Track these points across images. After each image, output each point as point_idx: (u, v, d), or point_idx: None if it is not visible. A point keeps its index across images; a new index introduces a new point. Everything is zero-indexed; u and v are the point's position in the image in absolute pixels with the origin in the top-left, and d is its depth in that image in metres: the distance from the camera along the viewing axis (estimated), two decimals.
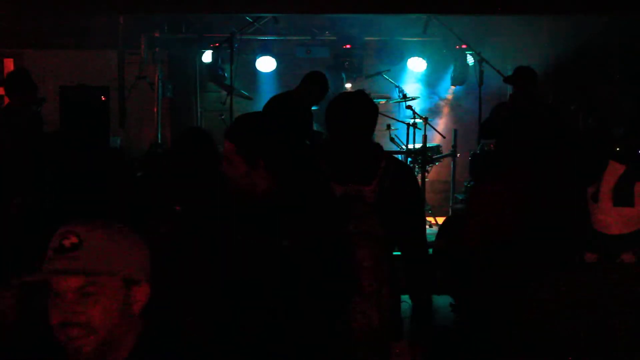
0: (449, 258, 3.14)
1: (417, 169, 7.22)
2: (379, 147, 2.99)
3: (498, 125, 5.43)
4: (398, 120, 7.27)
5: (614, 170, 1.82)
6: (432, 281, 2.97)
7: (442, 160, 7.57)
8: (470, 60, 8.36)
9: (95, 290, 1.56)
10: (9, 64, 8.42)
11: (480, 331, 2.76)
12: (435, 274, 3.08)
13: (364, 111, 2.87)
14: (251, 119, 2.63)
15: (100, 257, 1.57)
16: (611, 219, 1.79)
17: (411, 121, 7.20)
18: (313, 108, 6.20)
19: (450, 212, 7.59)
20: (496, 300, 2.56)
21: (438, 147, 7.50)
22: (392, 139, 7.24)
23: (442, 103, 8.98)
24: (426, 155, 7.00)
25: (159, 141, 8.10)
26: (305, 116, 5.96)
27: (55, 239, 1.60)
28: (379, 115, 3.04)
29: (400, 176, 2.84)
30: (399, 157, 7.48)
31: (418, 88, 8.72)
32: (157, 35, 8.36)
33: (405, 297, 2.89)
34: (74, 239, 1.57)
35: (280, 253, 2.39)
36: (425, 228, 3.01)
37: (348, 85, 8.40)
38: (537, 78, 6.08)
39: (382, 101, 7.55)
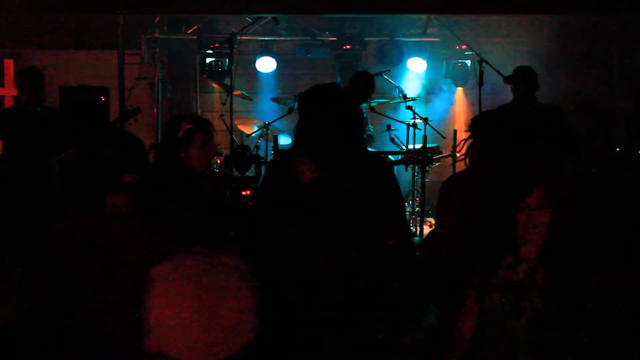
0: (430, 267, 3.05)
1: (417, 169, 7.21)
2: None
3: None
4: (398, 121, 7.26)
5: None
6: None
7: (441, 160, 7.56)
8: (470, 60, 8.35)
9: None
10: (9, 64, 8.40)
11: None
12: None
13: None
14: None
15: None
16: None
17: (411, 121, 7.20)
18: None
19: None
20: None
21: (438, 147, 7.50)
22: (392, 139, 7.22)
23: (442, 103, 8.97)
24: (426, 156, 6.99)
25: (159, 141, 8.09)
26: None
27: None
28: (380, 115, 3.05)
29: None
30: (399, 157, 7.48)
31: (418, 88, 8.72)
32: (157, 35, 8.35)
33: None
34: None
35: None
36: None
37: None
38: (536, 78, 6.06)
39: (382, 101, 7.55)
